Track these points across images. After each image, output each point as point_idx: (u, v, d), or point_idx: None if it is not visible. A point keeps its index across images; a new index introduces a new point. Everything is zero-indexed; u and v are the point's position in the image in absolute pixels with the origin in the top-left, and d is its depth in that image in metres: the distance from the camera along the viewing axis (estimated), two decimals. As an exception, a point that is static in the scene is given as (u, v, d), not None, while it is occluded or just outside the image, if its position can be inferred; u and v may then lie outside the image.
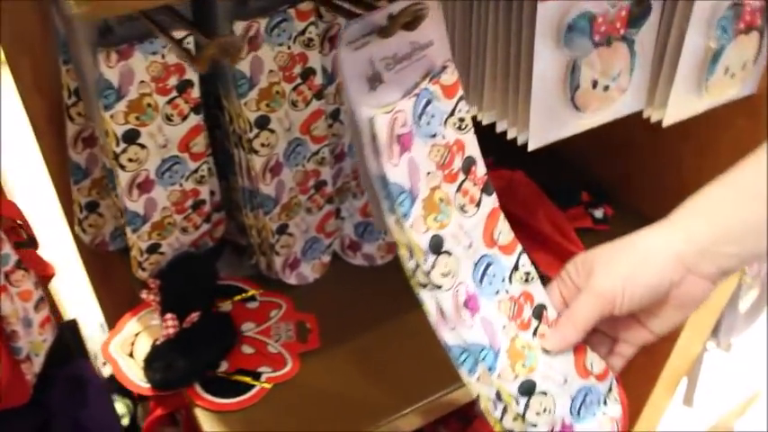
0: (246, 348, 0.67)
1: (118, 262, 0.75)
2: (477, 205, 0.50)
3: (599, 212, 0.84)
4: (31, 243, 0.61)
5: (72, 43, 0.57)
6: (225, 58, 0.40)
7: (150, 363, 0.62)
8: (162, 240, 0.65)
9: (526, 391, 0.50)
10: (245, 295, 0.72)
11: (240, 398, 0.63)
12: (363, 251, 0.76)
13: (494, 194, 0.52)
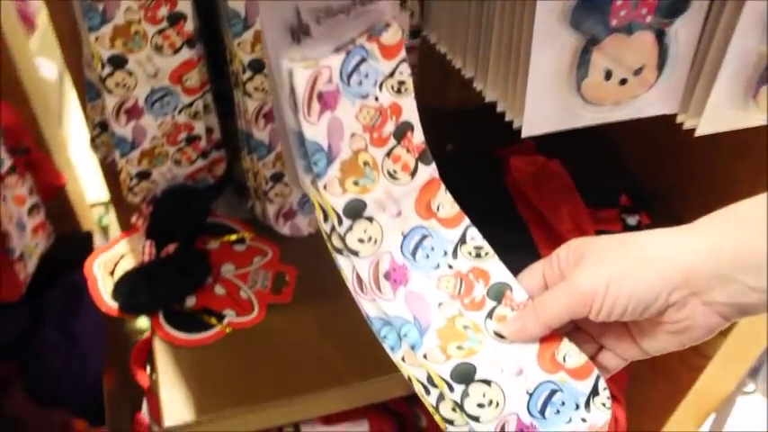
0: (219, 289, 0.67)
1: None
2: (412, 174, 0.46)
3: (633, 219, 0.76)
4: (26, 151, 0.63)
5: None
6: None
7: (117, 286, 0.63)
8: (152, 168, 0.66)
9: (462, 376, 0.44)
10: (234, 237, 0.72)
11: (197, 335, 0.63)
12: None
13: (433, 164, 0.47)
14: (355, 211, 0.45)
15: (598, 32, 0.50)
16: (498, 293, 0.47)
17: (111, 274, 0.67)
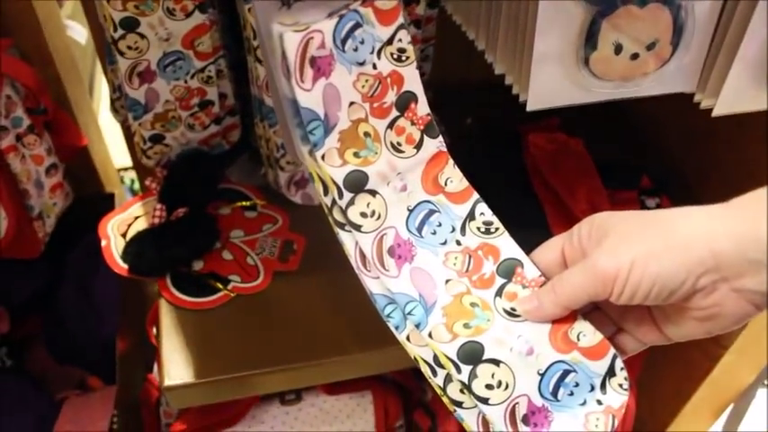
0: (227, 254, 0.68)
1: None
2: (417, 147, 0.45)
3: (652, 202, 0.74)
4: (44, 112, 0.65)
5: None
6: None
7: (126, 247, 0.65)
8: (166, 132, 0.66)
9: (469, 356, 0.42)
10: (246, 203, 0.72)
11: (202, 299, 0.64)
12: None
13: (439, 137, 0.46)
14: (357, 184, 0.44)
15: (608, 3, 0.49)
16: (508, 270, 0.46)
17: (124, 235, 0.69)
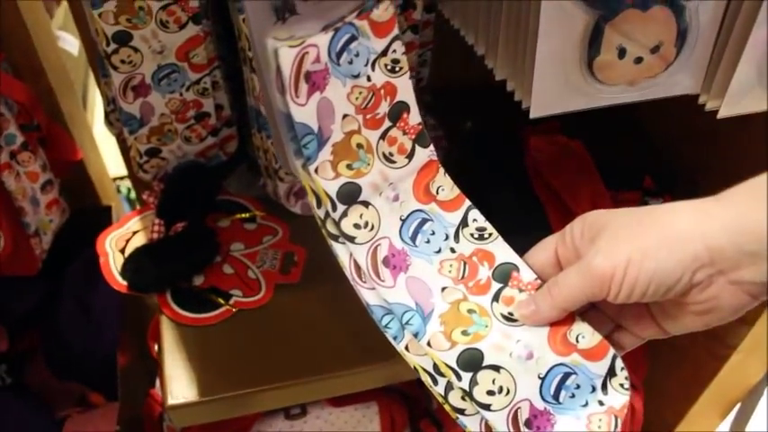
0: (227, 268, 0.67)
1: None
2: (409, 156, 0.45)
3: (656, 203, 0.73)
4: (37, 128, 0.64)
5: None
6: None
7: (125, 263, 0.64)
8: (162, 146, 0.65)
9: (469, 363, 0.42)
10: (246, 215, 0.71)
11: (203, 314, 0.64)
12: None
13: (430, 147, 0.46)
14: (350, 196, 0.44)
15: (610, 7, 0.48)
16: (504, 275, 0.46)
17: (122, 251, 0.68)
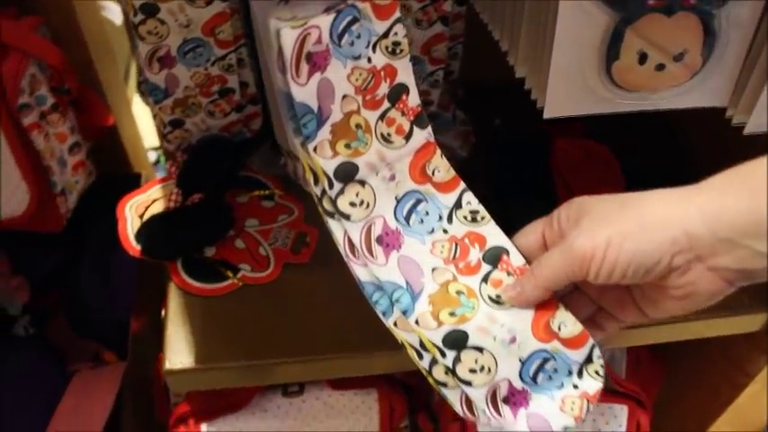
0: (239, 243, 0.68)
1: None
2: (407, 138, 0.46)
3: (682, 216, 0.71)
4: (67, 92, 0.66)
5: None
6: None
7: (140, 229, 0.65)
8: (186, 118, 0.66)
9: (453, 343, 0.45)
10: (264, 192, 0.72)
11: (210, 285, 0.65)
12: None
13: (428, 128, 0.47)
14: (346, 175, 0.45)
15: (633, 10, 0.47)
16: (494, 257, 0.47)
17: (141, 217, 0.69)
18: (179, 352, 0.60)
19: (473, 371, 0.44)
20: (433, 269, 0.46)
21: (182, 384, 0.61)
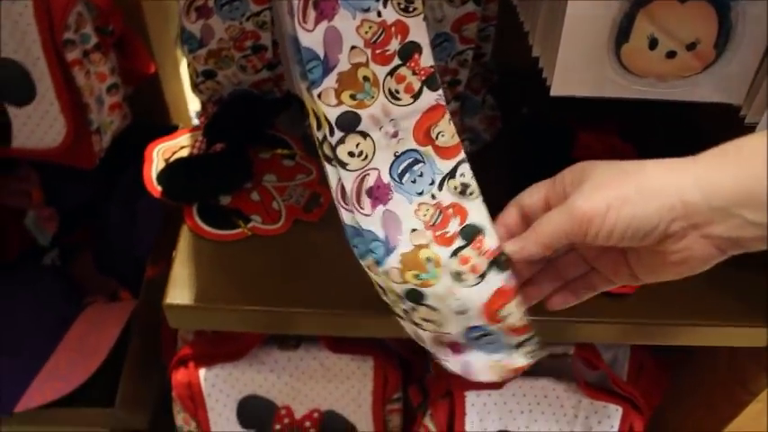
0: (255, 195, 0.70)
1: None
2: (415, 96, 0.47)
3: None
4: (111, 33, 0.69)
5: None
6: None
7: (162, 171, 0.68)
8: (218, 69, 0.69)
9: (413, 298, 0.47)
10: (286, 151, 0.74)
11: (221, 231, 0.67)
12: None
13: (439, 91, 0.47)
14: (349, 124, 0.46)
15: (646, -7, 0.47)
16: (470, 235, 0.48)
17: (167, 161, 0.72)
18: (181, 289, 0.63)
19: (426, 320, 0.48)
20: (413, 230, 0.48)
21: (179, 320, 0.64)
